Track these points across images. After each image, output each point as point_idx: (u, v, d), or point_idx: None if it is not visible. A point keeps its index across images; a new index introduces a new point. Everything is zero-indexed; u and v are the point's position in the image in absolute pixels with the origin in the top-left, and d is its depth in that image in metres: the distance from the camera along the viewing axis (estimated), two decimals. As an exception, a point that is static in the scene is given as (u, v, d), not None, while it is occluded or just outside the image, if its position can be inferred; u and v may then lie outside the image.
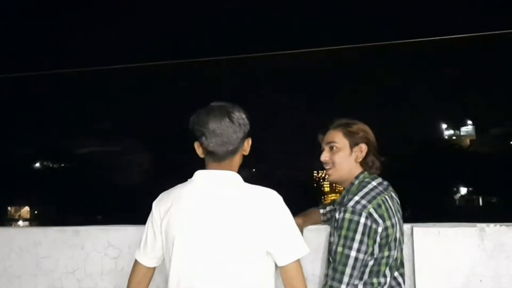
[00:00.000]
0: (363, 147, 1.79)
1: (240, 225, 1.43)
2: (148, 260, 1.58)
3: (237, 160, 1.56)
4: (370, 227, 1.62)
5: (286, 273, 1.47)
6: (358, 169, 1.80)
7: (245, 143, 1.56)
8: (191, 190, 1.51)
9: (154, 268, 1.62)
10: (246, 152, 1.59)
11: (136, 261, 1.61)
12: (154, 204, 1.57)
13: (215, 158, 1.52)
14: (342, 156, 1.80)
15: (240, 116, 1.52)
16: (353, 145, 1.80)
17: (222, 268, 1.43)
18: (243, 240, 1.42)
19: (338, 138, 1.81)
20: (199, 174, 1.53)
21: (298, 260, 1.48)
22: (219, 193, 1.48)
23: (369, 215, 1.63)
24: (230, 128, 1.49)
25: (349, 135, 1.80)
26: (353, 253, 1.61)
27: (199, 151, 1.54)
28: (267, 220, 1.44)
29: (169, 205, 1.51)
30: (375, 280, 1.68)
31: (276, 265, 1.50)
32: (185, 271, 1.46)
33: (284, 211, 1.49)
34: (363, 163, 1.80)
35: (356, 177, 1.79)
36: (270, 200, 1.48)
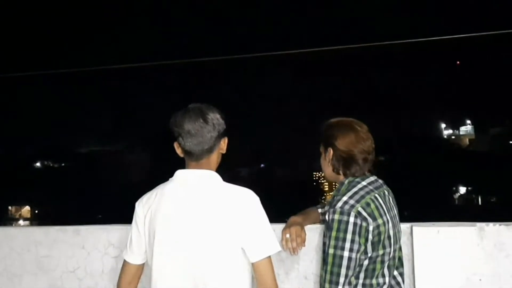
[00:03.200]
0: (330, 150, 1.82)
1: (217, 222, 1.50)
2: (136, 257, 1.65)
3: (214, 158, 1.64)
4: (360, 225, 1.63)
5: (257, 269, 1.54)
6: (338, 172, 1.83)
7: (221, 142, 1.65)
8: (171, 189, 1.59)
9: (142, 266, 1.68)
10: (223, 151, 1.67)
11: (124, 261, 1.68)
12: (137, 203, 1.65)
13: (193, 158, 1.61)
14: (322, 162, 1.88)
15: (214, 116, 1.60)
16: (325, 149, 1.85)
17: (199, 263, 1.50)
18: (219, 236, 1.50)
19: (321, 144, 1.88)
20: (179, 173, 1.62)
21: (269, 257, 1.54)
22: (198, 191, 1.55)
23: (358, 214, 1.64)
24: (204, 128, 1.58)
25: (321, 140, 1.86)
26: (346, 254, 1.62)
27: (179, 151, 1.63)
28: (241, 217, 1.51)
29: (151, 203, 1.60)
30: (374, 281, 1.68)
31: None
32: (164, 265, 1.53)
33: (258, 209, 1.57)
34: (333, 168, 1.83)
35: (346, 177, 1.81)
36: (245, 199, 1.56)
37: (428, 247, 1.99)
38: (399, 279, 1.77)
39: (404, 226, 2.00)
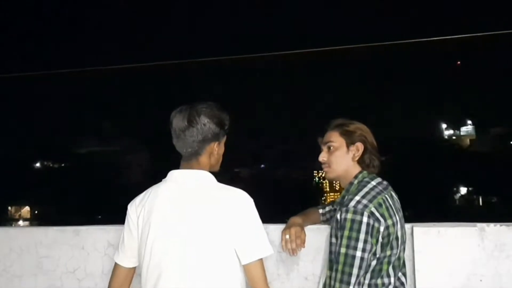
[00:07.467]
0: (360, 145, 1.81)
1: (210, 223, 1.49)
2: (128, 260, 1.64)
3: (204, 160, 1.60)
4: (373, 226, 1.62)
5: (249, 271, 1.52)
6: (355, 168, 1.82)
7: (210, 146, 1.60)
8: (165, 189, 1.57)
9: (134, 270, 1.67)
10: (214, 156, 1.62)
11: (115, 264, 1.67)
12: (130, 205, 1.63)
13: (183, 158, 1.60)
14: (339, 155, 1.83)
15: (202, 120, 1.56)
16: (349, 144, 1.82)
17: (191, 263, 1.48)
18: (212, 237, 1.48)
19: (335, 137, 1.84)
20: (172, 173, 1.61)
21: (261, 260, 1.52)
22: (192, 191, 1.54)
23: (371, 214, 1.63)
24: (187, 131, 1.56)
25: (345, 134, 1.83)
26: (358, 253, 1.61)
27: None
28: (234, 219, 1.49)
29: (144, 204, 1.58)
30: (379, 281, 1.68)
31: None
32: (157, 265, 1.52)
33: (251, 211, 1.54)
34: (360, 162, 1.82)
35: (355, 177, 1.81)
36: (239, 201, 1.54)
37: (428, 247, 1.99)
38: (403, 279, 1.78)
39: (405, 227, 1.99)
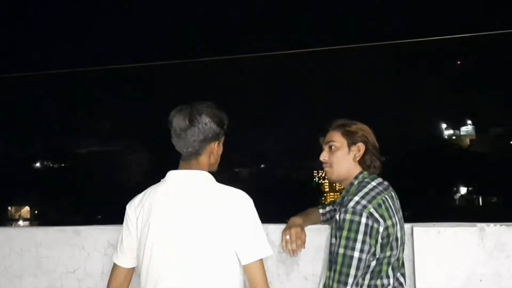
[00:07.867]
0: (361, 146, 1.81)
1: (209, 223, 1.48)
2: (126, 260, 1.63)
3: (204, 160, 1.60)
4: (372, 226, 1.62)
5: (249, 272, 1.52)
6: (356, 169, 1.82)
7: (210, 146, 1.60)
8: (163, 190, 1.57)
9: (133, 270, 1.66)
10: (214, 155, 1.62)
11: (114, 264, 1.66)
12: (128, 205, 1.63)
13: (183, 158, 1.60)
14: (340, 155, 1.83)
15: (203, 120, 1.56)
16: (351, 144, 1.82)
17: (191, 264, 1.48)
18: (212, 237, 1.48)
19: (336, 137, 1.84)
20: (171, 174, 1.60)
21: (261, 261, 1.52)
22: (191, 192, 1.53)
23: (370, 215, 1.63)
24: (188, 130, 1.55)
25: (347, 134, 1.83)
26: (356, 254, 1.61)
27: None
28: (233, 219, 1.49)
29: (143, 204, 1.58)
30: (378, 282, 1.68)
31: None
32: (156, 266, 1.51)
33: (250, 212, 1.54)
34: (362, 162, 1.82)
35: (356, 177, 1.81)
36: (238, 201, 1.54)
37: (428, 247, 1.98)
38: (402, 280, 1.77)
39: (405, 227, 1.99)
